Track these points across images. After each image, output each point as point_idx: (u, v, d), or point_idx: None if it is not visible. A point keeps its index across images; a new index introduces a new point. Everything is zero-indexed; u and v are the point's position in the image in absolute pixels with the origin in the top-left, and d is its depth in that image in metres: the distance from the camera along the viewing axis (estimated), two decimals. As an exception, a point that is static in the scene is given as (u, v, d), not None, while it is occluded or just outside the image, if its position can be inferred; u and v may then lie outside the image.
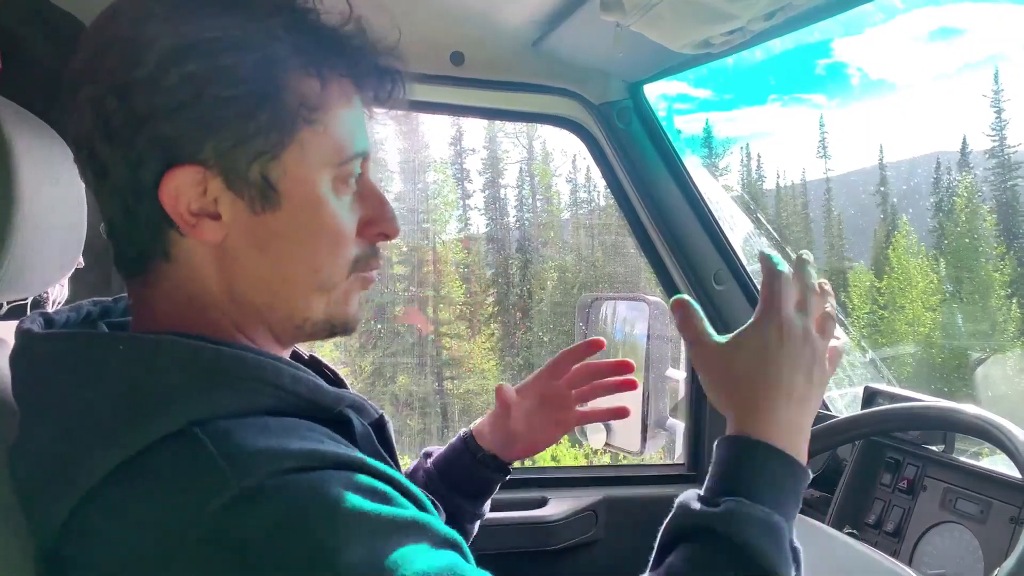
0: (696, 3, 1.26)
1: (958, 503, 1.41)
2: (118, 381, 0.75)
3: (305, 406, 0.80)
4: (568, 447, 16.25)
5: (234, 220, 0.81)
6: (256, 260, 0.83)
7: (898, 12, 39.99)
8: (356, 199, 0.88)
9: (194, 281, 0.83)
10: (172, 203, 0.79)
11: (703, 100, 34.06)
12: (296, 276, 0.84)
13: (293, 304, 0.85)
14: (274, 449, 0.70)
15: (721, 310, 1.97)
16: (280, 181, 0.81)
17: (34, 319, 0.85)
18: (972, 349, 18.72)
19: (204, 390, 0.74)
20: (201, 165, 0.79)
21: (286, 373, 0.79)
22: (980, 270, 20.41)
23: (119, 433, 0.71)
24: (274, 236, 0.82)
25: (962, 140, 23.85)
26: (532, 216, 24.07)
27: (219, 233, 0.81)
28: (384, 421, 0.91)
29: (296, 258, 0.84)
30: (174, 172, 0.78)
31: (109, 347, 0.78)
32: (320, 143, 0.82)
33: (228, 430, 0.71)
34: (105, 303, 0.95)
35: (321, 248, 0.84)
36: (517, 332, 21.81)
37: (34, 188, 0.85)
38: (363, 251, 0.88)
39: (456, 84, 1.79)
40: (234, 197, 0.80)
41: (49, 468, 0.74)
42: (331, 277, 0.86)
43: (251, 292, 0.84)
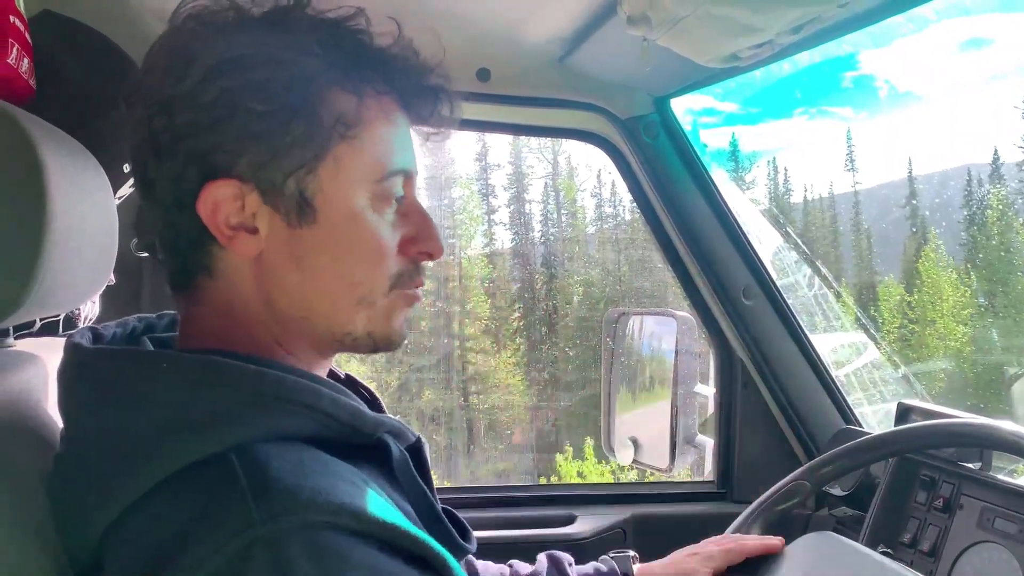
0: (723, 17, 1.26)
1: (996, 522, 1.38)
2: (161, 401, 0.76)
3: (345, 431, 0.79)
4: (595, 463, 16.16)
5: (271, 234, 0.82)
6: (293, 274, 0.83)
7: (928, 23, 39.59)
8: (399, 217, 0.88)
9: (235, 295, 0.84)
10: (210, 216, 0.80)
11: (729, 114, 33.93)
12: (334, 290, 0.85)
13: (333, 318, 0.85)
14: (306, 495, 0.68)
15: (750, 325, 1.95)
16: (316, 196, 0.82)
17: (83, 334, 0.86)
18: (1007, 364, 18.40)
19: (245, 413, 0.74)
20: (238, 179, 0.80)
21: (326, 396, 0.78)
22: (1015, 284, 20.08)
23: (158, 452, 0.72)
24: (310, 250, 0.83)
25: (994, 152, 23.52)
26: (557, 231, 24.06)
27: (257, 247, 0.82)
28: (420, 444, 0.90)
29: (333, 272, 0.84)
30: (212, 185, 0.80)
31: (154, 365, 0.78)
32: (357, 159, 0.83)
33: (264, 461, 0.71)
34: (149, 319, 0.96)
35: (358, 263, 0.85)
36: (543, 347, 21.74)
37: (66, 206, 0.86)
38: (404, 268, 0.88)
39: (482, 100, 1.80)
40: (271, 211, 0.82)
41: (90, 482, 0.75)
42: (371, 292, 0.86)
43: (290, 306, 0.84)
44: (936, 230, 22.20)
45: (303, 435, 0.76)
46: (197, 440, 0.72)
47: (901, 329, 19.99)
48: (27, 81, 1.04)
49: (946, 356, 18.96)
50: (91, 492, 0.74)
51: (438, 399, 20.28)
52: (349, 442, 0.79)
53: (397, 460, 0.83)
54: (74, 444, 0.80)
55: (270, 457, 0.71)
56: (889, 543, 1.53)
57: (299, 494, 0.68)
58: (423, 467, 0.88)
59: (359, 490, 0.73)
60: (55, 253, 0.84)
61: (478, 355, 21.09)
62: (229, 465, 0.70)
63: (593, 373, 19.01)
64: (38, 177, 0.83)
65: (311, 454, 0.74)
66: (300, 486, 0.69)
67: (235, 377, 0.76)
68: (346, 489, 0.71)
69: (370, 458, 0.81)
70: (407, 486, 0.83)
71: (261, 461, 0.70)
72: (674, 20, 1.29)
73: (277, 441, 0.74)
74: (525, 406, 20.42)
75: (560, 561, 1.28)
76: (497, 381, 20.78)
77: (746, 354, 1.97)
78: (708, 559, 1.25)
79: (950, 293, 19.89)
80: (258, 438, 0.73)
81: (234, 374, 0.77)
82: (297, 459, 0.72)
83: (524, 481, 20.22)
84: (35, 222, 0.82)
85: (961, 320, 19.53)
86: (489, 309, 21.92)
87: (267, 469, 0.70)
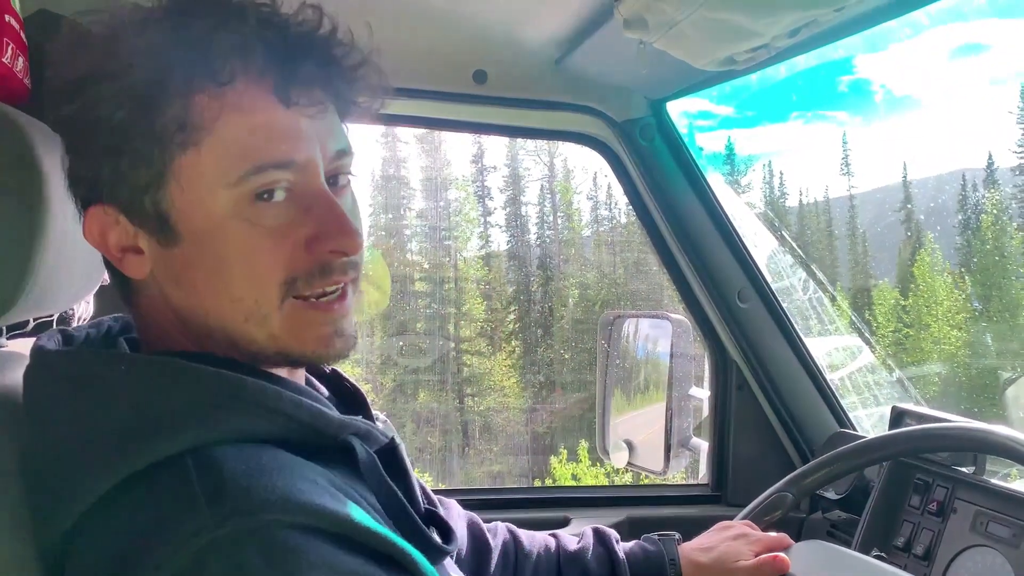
0: (720, 20, 1.26)
1: (989, 526, 1.38)
2: (119, 402, 0.75)
3: (307, 433, 0.78)
4: (589, 466, 16.16)
5: (151, 254, 0.81)
6: (178, 292, 0.81)
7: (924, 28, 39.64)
8: (296, 214, 0.79)
9: (155, 310, 0.84)
10: (97, 241, 0.80)
11: (725, 117, 33.98)
12: (216, 307, 0.80)
13: (230, 335, 0.81)
14: (260, 494, 0.67)
15: (745, 329, 1.95)
16: (171, 212, 0.78)
17: (51, 336, 0.86)
18: (1001, 368, 18.43)
19: (203, 415, 0.73)
20: (106, 203, 0.79)
21: (287, 398, 0.77)
22: (1009, 288, 20.13)
23: (118, 454, 0.71)
24: (185, 268, 0.80)
25: (988, 157, 23.58)
26: (553, 233, 24.06)
27: (144, 267, 0.81)
28: (394, 445, 0.88)
29: (210, 289, 0.79)
30: (90, 211, 0.80)
31: (111, 368, 0.78)
32: (205, 165, 0.76)
33: (219, 463, 0.70)
34: (126, 318, 0.95)
35: (233, 277, 0.78)
36: (538, 349, 21.74)
37: (61, 206, 0.86)
38: (301, 272, 0.79)
39: (479, 102, 1.80)
40: (144, 232, 0.80)
41: (54, 482, 0.74)
42: (258, 307, 0.79)
43: (190, 322, 0.82)
44: (931, 234, 22.26)
45: (266, 437, 0.75)
46: (154, 442, 0.71)
47: (896, 333, 20.03)
48: (22, 80, 1.03)
49: (940, 360, 19.00)
50: (52, 493, 0.74)
51: (433, 401, 20.26)
52: (314, 444, 0.78)
53: (364, 461, 0.81)
54: (36, 445, 0.79)
55: (225, 459, 0.70)
56: (883, 547, 1.53)
57: (252, 494, 0.67)
58: (399, 468, 0.86)
59: (317, 488, 0.71)
60: (49, 253, 0.84)
61: (473, 357, 21.08)
62: (184, 468, 0.69)
63: (588, 375, 19.03)
64: (32, 177, 0.82)
65: (271, 454, 0.73)
66: (253, 486, 0.68)
67: (194, 379, 0.75)
68: (303, 487, 0.70)
69: (339, 459, 0.79)
70: (375, 487, 0.81)
71: (216, 463, 0.70)
72: (671, 23, 1.30)
73: (237, 443, 0.73)
74: (520, 408, 20.41)
75: (607, 537, 1.29)
76: (492, 383, 20.77)
77: (741, 357, 1.98)
78: (755, 541, 1.26)
79: (945, 297, 19.94)
80: (217, 440, 0.72)
81: (193, 376, 0.76)
82: (254, 459, 0.71)
83: (519, 483, 20.21)
84: (29, 222, 0.82)
85: (955, 324, 19.58)
86: (485, 311, 21.92)
87: (221, 471, 0.69)
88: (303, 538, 0.66)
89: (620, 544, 1.28)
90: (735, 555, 1.24)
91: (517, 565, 1.24)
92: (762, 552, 1.23)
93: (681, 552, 1.27)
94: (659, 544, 1.28)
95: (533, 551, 1.26)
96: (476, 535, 1.22)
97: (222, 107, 0.75)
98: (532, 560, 1.25)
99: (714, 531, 1.32)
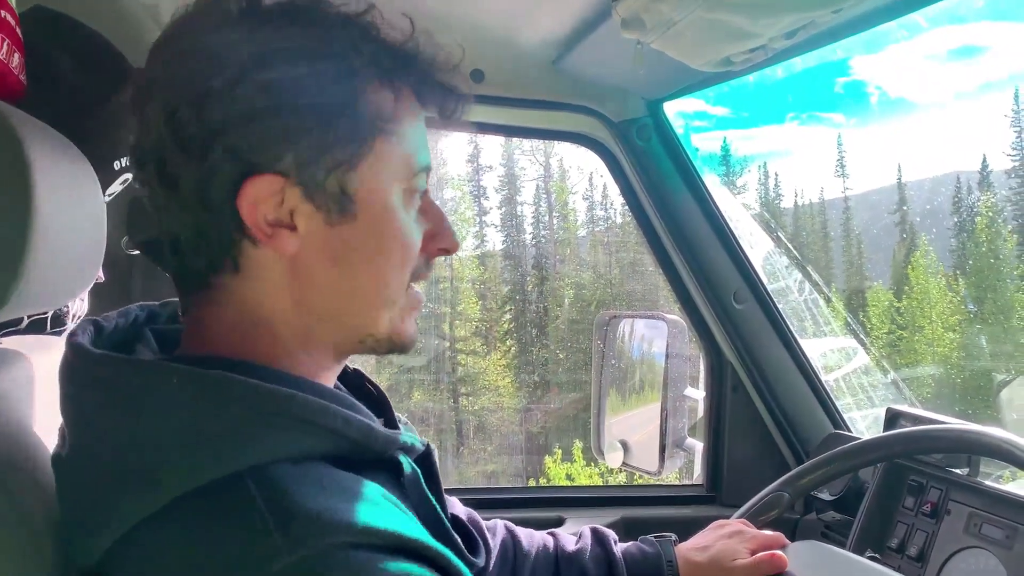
0: (717, 21, 1.26)
1: (983, 528, 1.38)
2: (171, 416, 0.74)
3: (356, 449, 0.78)
4: (583, 466, 16.17)
5: (309, 231, 0.81)
6: (328, 272, 0.82)
7: (921, 30, 39.83)
8: (420, 213, 0.88)
9: (262, 294, 0.82)
10: (250, 213, 0.78)
11: (721, 118, 34.10)
12: (365, 289, 0.84)
13: (360, 318, 0.85)
14: (330, 516, 0.68)
15: (740, 329, 1.96)
16: (357, 192, 0.81)
17: (85, 328, 0.84)
18: (995, 370, 18.50)
19: (257, 432, 0.73)
20: (280, 175, 0.78)
21: (338, 415, 0.77)
22: (1003, 290, 20.20)
23: (169, 471, 0.70)
24: (348, 247, 0.82)
25: (982, 160, 23.67)
26: (549, 233, 24.08)
27: (295, 244, 0.80)
28: (430, 451, 0.90)
29: (367, 270, 0.84)
30: (253, 181, 0.78)
31: (163, 380, 0.75)
32: (393, 154, 0.83)
33: (282, 485, 0.70)
34: (152, 308, 0.94)
35: (390, 261, 0.85)
36: (533, 349, 21.77)
37: (55, 203, 0.85)
38: (418, 264, 0.88)
39: (476, 102, 1.79)
40: (312, 208, 0.80)
41: (98, 493, 0.73)
42: (396, 291, 0.86)
43: (321, 305, 0.83)
44: (927, 236, 22.33)
45: (316, 453, 0.75)
46: (210, 459, 0.70)
47: (890, 335, 20.09)
48: (18, 77, 1.03)
49: (935, 362, 19.07)
50: (99, 503, 0.73)
51: (428, 400, 20.27)
52: (362, 459, 0.79)
53: (408, 477, 0.83)
54: (80, 450, 0.78)
55: (287, 480, 0.70)
56: (877, 548, 1.53)
57: (321, 518, 0.67)
58: (432, 475, 0.88)
59: (378, 507, 0.73)
60: (43, 250, 0.84)
61: (468, 357, 21.09)
62: (245, 490, 0.69)
63: (583, 375, 19.05)
64: (26, 174, 0.82)
65: (328, 473, 0.73)
66: (321, 509, 0.68)
67: (247, 395, 0.74)
68: (366, 508, 0.71)
69: (382, 471, 0.80)
70: (416, 501, 0.82)
71: (279, 485, 0.69)
72: (668, 24, 1.30)
73: (291, 462, 0.73)
74: (515, 408, 20.44)
75: (605, 538, 1.29)
76: (487, 383, 20.78)
77: (736, 358, 1.98)
78: (750, 539, 1.26)
79: (939, 299, 20.02)
80: (272, 459, 0.72)
81: (246, 391, 0.74)
82: (315, 480, 0.71)
83: (513, 483, 20.22)
84: (22, 219, 0.82)
85: (950, 326, 19.65)
86: (480, 311, 21.93)
87: (285, 494, 0.69)
88: (375, 555, 0.68)
89: (618, 545, 1.28)
90: (731, 553, 1.24)
91: (515, 564, 1.24)
92: (758, 550, 1.24)
93: (677, 552, 1.27)
94: (656, 545, 1.28)
95: (531, 550, 1.26)
96: (476, 533, 1.22)
97: (408, 109, 0.85)
98: (530, 560, 1.25)
99: (709, 530, 1.32)
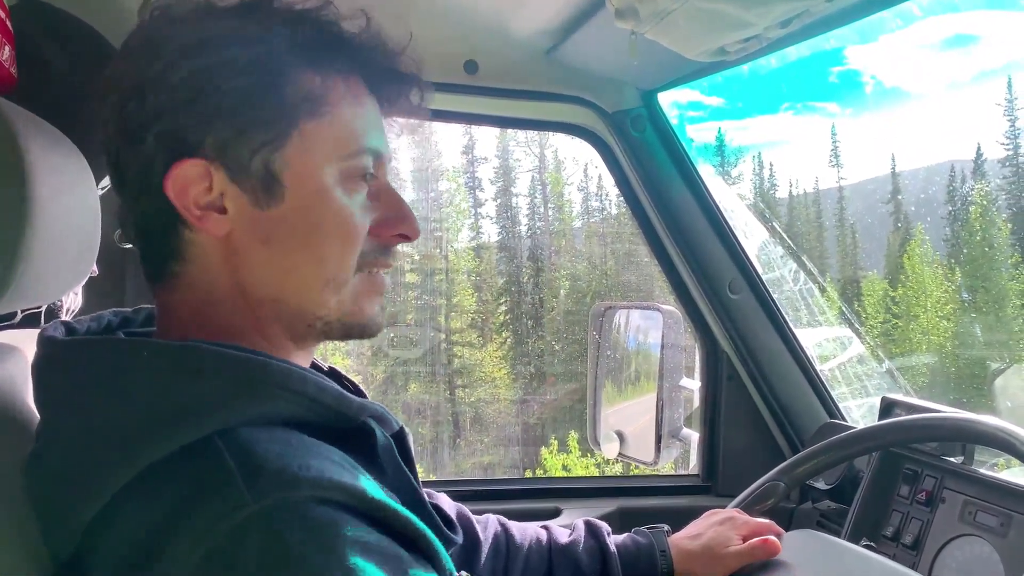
0: (712, 10, 1.26)
1: (978, 516, 1.39)
2: (142, 388, 0.75)
3: (330, 416, 0.79)
4: (579, 456, 16.20)
5: (239, 213, 0.82)
6: (261, 253, 0.83)
7: (915, 19, 39.80)
8: (371, 198, 0.88)
9: (208, 279, 0.84)
10: (178, 196, 0.81)
11: (715, 108, 34.07)
12: (301, 270, 0.84)
13: (303, 300, 0.85)
14: (295, 471, 0.69)
15: (735, 319, 1.96)
16: (283, 173, 0.82)
17: (56, 327, 0.86)
18: (988, 359, 18.57)
19: (229, 398, 0.74)
20: (204, 158, 0.81)
21: (311, 381, 0.79)
22: (997, 280, 20.25)
23: (142, 441, 0.72)
24: (278, 228, 0.83)
25: (976, 149, 23.70)
26: (544, 224, 24.06)
27: (225, 226, 0.82)
28: (404, 433, 0.90)
29: (301, 251, 0.84)
30: (178, 165, 0.80)
31: (133, 354, 0.78)
32: (324, 134, 0.83)
33: (250, 442, 0.71)
34: (125, 313, 0.95)
35: (326, 240, 0.84)
36: (529, 341, 21.77)
37: (48, 197, 0.85)
38: (372, 249, 0.88)
39: (470, 93, 1.79)
40: (238, 190, 0.82)
41: (73, 475, 0.74)
42: (338, 272, 0.85)
43: (260, 287, 0.84)
44: (922, 225, 22.37)
45: (288, 420, 0.77)
46: (182, 427, 0.72)
47: (884, 324, 20.14)
48: (8, 70, 1.02)
49: (929, 351, 19.13)
50: (74, 485, 0.73)
51: (424, 392, 20.27)
52: (334, 426, 0.79)
53: (382, 445, 0.83)
54: (53, 438, 0.79)
55: (256, 439, 0.72)
56: (872, 536, 1.54)
57: (287, 471, 0.68)
58: (407, 455, 0.88)
59: (346, 470, 0.73)
60: (36, 244, 0.83)
61: (464, 348, 21.09)
62: (215, 449, 0.70)
63: (579, 366, 19.06)
64: (18, 167, 0.82)
65: (298, 437, 0.75)
66: (288, 464, 0.69)
67: (218, 363, 0.76)
68: (334, 468, 0.72)
69: (355, 445, 0.80)
70: (391, 472, 0.83)
71: (247, 443, 0.71)
72: (662, 14, 1.29)
73: (262, 425, 0.74)
74: (511, 399, 20.45)
75: (598, 530, 1.30)
76: (483, 374, 20.79)
77: (731, 348, 1.98)
78: (742, 525, 1.28)
79: (933, 288, 20.06)
80: (242, 423, 0.73)
81: (217, 360, 0.76)
82: (283, 440, 0.73)
83: (509, 474, 20.27)
84: (15, 212, 0.81)
85: (944, 315, 19.70)
86: (475, 303, 21.92)
87: (254, 450, 0.70)
88: (338, 514, 0.68)
89: (612, 537, 1.29)
90: (724, 541, 1.25)
91: (508, 557, 1.25)
92: (750, 537, 1.25)
93: (671, 542, 1.28)
94: (649, 536, 1.29)
95: (524, 544, 1.27)
96: (465, 528, 1.23)
97: (343, 91, 0.85)
98: (523, 552, 1.26)
99: (702, 519, 1.33)
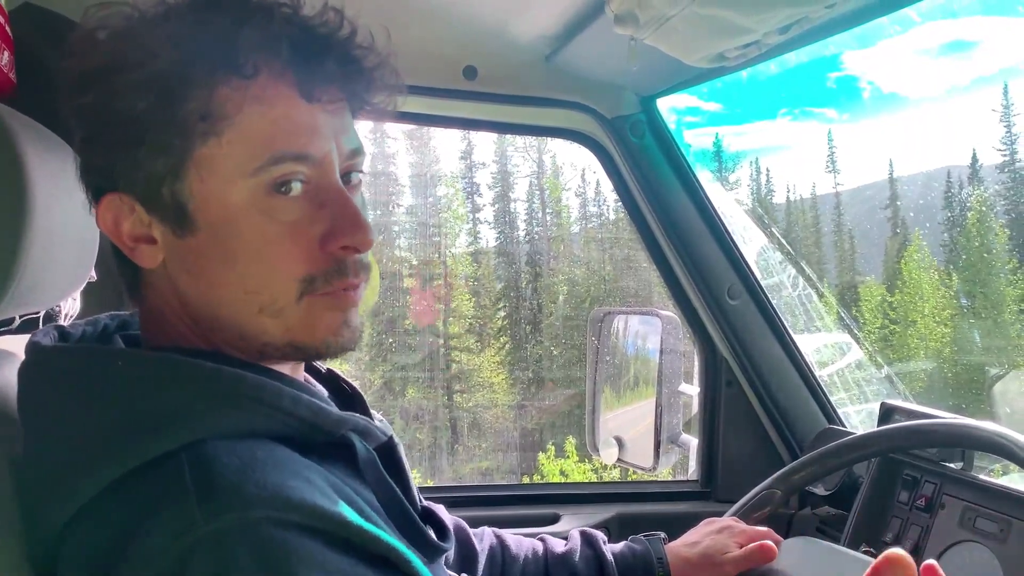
0: (711, 17, 1.26)
1: (977, 521, 1.39)
2: (117, 399, 0.75)
3: (306, 429, 0.78)
4: (577, 462, 16.17)
5: (166, 244, 0.80)
6: (191, 283, 0.81)
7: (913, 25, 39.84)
8: (311, 210, 0.80)
9: (161, 303, 0.84)
10: (112, 229, 0.80)
11: (713, 114, 34.08)
12: (231, 299, 0.80)
13: (241, 327, 0.81)
14: (251, 489, 0.67)
15: (734, 325, 1.96)
16: (189, 202, 0.78)
17: (47, 332, 0.85)
18: (988, 365, 18.57)
19: (201, 411, 0.73)
20: (121, 192, 0.79)
21: (286, 395, 0.76)
22: (996, 285, 20.26)
23: (113, 451, 0.71)
24: (199, 259, 0.79)
25: (973, 154, 23.73)
26: (542, 230, 24.05)
27: (158, 256, 0.81)
28: (393, 444, 0.89)
29: (225, 281, 0.79)
30: (104, 200, 0.79)
31: (109, 364, 0.78)
32: (226, 154, 0.76)
33: (212, 458, 0.70)
34: (123, 316, 0.95)
35: (249, 268, 0.78)
36: (527, 346, 21.74)
37: (47, 202, 0.85)
38: (320, 270, 0.80)
39: (469, 98, 1.79)
40: (159, 221, 0.79)
41: (49, 481, 0.74)
42: (273, 301, 0.79)
43: (199, 314, 0.82)
44: (920, 231, 22.38)
45: (265, 433, 0.75)
46: (151, 439, 0.71)
47: (882, 329, 20.14)
48: (7, 75, 1.02)
49: (928, 356, 19.12)
50: (49, 492, 0.73)
51: (422, 397, 20.24)
52: (313, 440, 0.78)
53: (363, 458, 0.81)
54: (31, 447, 0.79)
55: (219, 454, 0.70)
56: (871, 542, 1.54)
57: (243, 489, 0.67)
58: (397, 466, 0.87)
59: (311, 485, 0.71)
60: (34, 249, 0.83)
61: (462, 354, 21.06)
62: (177, 463, 0.69)
63: (577, 372, 19.04)
64: (17, 172, 0.82)
65: (266, 449, 0.73)
66: (244, 482, 0.67)
67: (192, 375, 0.75)
68: (295, 484, 0.69)
69: (338, 457, 0.79)
70: (375, 485, 0.81)
71: (208, 458, 0.69)
72: (662, 19, 1.29)
73: (233, 438, 0.72)
74: (509, 405, 20.41)
75: (594, 539, 1.29)
76: (481, 380, 20.76)
77: (730, 353, 1.98)
78: (739, 533, 1.28)
79: (931, 294, 20.06)
80: (213, 436, 0.72)
81: (191, 372, 0.75)
82: (248, 454, 0.71)
83: (508, 480, 20.22)
84: (14, 218, 0.81)
85: (942, 321, 19.70)
86: (473, 308, 21.90)
87: (213, 466, 0.69)
88: (293, 536, 0.66)
89: (608, 545, 1.29)
90: (721, 548, 1.25)
91: (504, 569, 1.24)
92: (747, 543, 1.25)
93: (668, 549, 1.28)
94: (646, 543, 1.28)
95: (520, 555, 1.26)
96: (462, 539, 1.22)
97: (244, 99, 0.76)
98: (519, 563, 1.25)
99: (700, 527, 1.33)
